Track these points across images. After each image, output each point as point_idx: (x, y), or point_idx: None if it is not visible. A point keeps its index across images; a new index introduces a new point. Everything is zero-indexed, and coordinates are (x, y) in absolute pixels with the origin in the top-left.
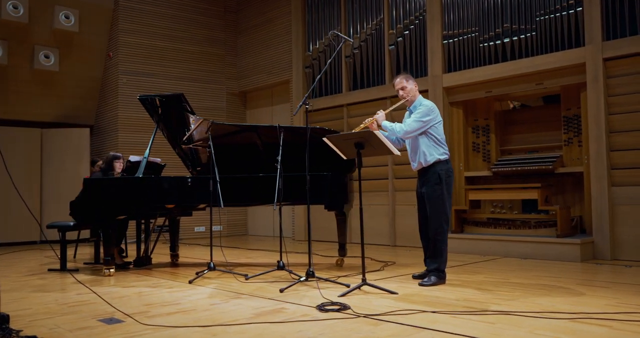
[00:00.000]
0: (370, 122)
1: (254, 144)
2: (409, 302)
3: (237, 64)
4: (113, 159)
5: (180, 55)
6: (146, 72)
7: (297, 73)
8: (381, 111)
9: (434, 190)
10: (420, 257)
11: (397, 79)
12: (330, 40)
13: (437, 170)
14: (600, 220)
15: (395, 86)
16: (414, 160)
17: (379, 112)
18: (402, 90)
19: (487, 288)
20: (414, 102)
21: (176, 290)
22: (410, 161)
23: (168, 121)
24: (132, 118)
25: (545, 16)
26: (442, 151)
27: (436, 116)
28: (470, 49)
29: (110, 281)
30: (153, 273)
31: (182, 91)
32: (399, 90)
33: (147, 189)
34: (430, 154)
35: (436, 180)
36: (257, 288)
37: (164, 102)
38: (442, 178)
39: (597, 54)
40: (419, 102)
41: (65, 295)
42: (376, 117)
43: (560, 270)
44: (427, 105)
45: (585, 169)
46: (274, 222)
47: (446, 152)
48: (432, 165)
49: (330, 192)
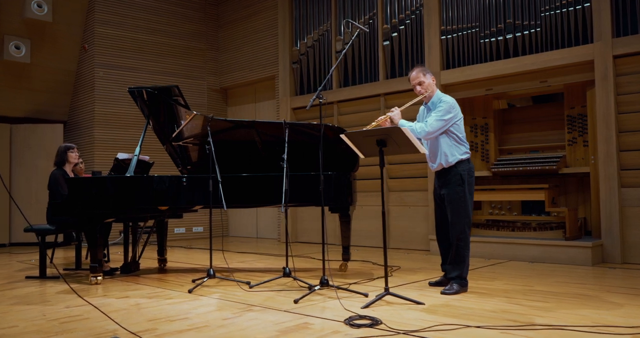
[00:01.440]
0: (383, 120)
1: (252, 141)
2: (443, 315)
3: (218, 58)
4: (66, 150)
5: (160, 48)
6: (124, 65)
7: (283, 69)
8: (396, 108)
9: (456, 192)
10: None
11: (413, 72)
12: (322, 32)
13: (459, 171)
14: (610, 223)
15: (412, 81)
16: (434, 161)
17: (394, 109)
18: (420, 86)
19: (516, 297)
20: (432, 98)
21: (177, 301)
22: (429, 161)
23: (159, 116)
24: (110, 114)
25: (550, 12)
26: (464, 150)
27: (457, 113)
28: (470, 45)
29: (98, 290)
30: (144, 281)
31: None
32: (416, 86)
33: (139, 190)
34: (451, 154)
35: (458, 181)
36: (267, 299)
37: (155, 95)
38: (465, 179)
39: (606, 51)
40: (438, 98)
41: (53, 308)
42: (391, 115)
43: (579, 276)
44: (448, 102)
45: (592, 170)
46: (257, 222)
47: (467, 150)
48: (454, 166)
49: (336, 193)
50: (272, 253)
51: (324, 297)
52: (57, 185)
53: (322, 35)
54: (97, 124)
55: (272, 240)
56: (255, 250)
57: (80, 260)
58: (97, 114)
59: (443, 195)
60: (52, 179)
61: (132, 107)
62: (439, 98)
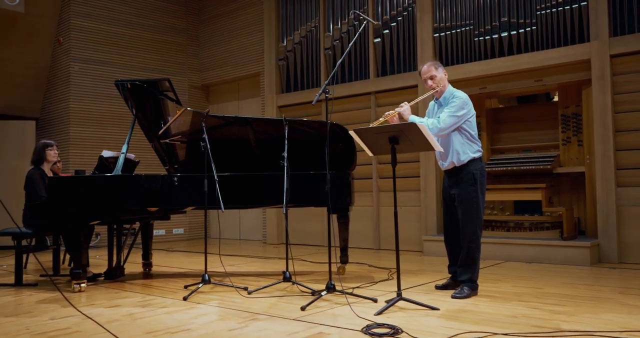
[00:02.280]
0: (391, 116)
1: (245, 139)
2: (463, 321)
3: (199, 54)
4: (44, 147)
5: (139, 43)
6: (101, 60)
7: (269, 66)
8: (405, 103)
9: (467, 192)
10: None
11: (424, 66)
12: (310, 29)
13: (472, 170)
14: (607, 223)
15: (423, 75)
16: (444, 160)
17: (403, 104)
18: (431, 80)
19: (530, 300)
20: (444, 93)
21: (173, 309)
22: (439, 160)
23: (147, 111)
24: (86, 110)
25: (546, 10)
26: (477, 148)
27: (470, 109)
28: (464, 43)
29: (82, 298)
30: (132, 287)
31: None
32: (427, 80)
33: (128, 190)
34: (464, 152)
35: (470, 181)
36: (271, 306)
37: (144, 89)
38: (477, 178)
39: (603, 50)
40: (451, 93)
41: (37, 320)
42: (400, 111)
43: (582, 276)
44: (461, 97)
45: (587, 169)
46: (240, 223)
47: (480, 148)
48: (466, 165)
49: (336, 193)
50: (260, 256)
51: (331, 302)
52: (34, 185)
53: (309, 31)
54: (73, 121)
55: (257, 242)
56: (242, 252)
57: (58, 265)
58: (72, 111)
59: (454, 195)
60: (29, 179)
61: (110, 103)
62: (451, 93)
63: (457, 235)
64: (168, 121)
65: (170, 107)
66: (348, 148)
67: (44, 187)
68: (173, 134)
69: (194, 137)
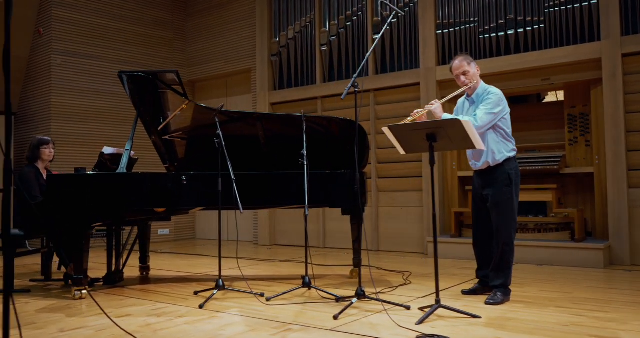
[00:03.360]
0: (420, 115)
1: (252, 136)
2: (513, 331)
3: (186, 49)
4: (39, 145)
5: (123, 36)
6: (83, 53)
7: (261, 62)
8: (436, 101)
9: (503, 193)
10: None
11: (455, 61)
12: (305, 24)
13: (507, 170)
14: (618, 224)
15: (454, 71)
16: (478, 159)
17: (434, 102)
18: (464, 76)
19: (568, 306)
20: (477, 90)
21: (193, 319)
22: (471, 160)
23: (150, 104)
24: (69, 105)
25: (555, 8)
26: (512, 147)
27: (506, 106)
28: (469, 41)
29: (82, 306)
30: (135, 294)
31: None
32: (460, 76)
33: (135, 189)
34: (499, 151)
35: (506, 182)
36: (298, 314)
37: (150, 81)
38: (513, 179)
39: (615, 49)
40: (484, 90)
41: (44, 333)
42: (431, 109)
43: (604, 279)
44: (497, 94)
45: (596, 170)
46: (227, 225)
47: (515, 147)
48: (501, 164)
49: (350, 193)
50: (256, 258)
51: (361, 310)
52: (27, 184)
53: (304, 27)
54: (55, 117)
55: (247, 243)
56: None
57: (49, 270)
58: (54, 106)
59: (486, 196)
60: (22, 178)
61: (94, 98)
62: (484, 89)
63: (488, 238)
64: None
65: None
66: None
67: (38, 186)
68: (175, 130)
69: (195, 133)
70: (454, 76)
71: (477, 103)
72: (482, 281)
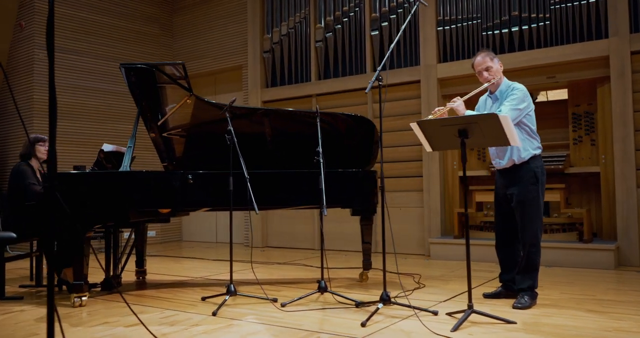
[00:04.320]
0: (441, 113)
1: (257, 134)
2: (552, 336)
3: (173, 45)
4: (35, 142)
5: (108, 31)
6: (68, 48)
7: (253, 58)
8: (458, 98)
9: (529, 191)
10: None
11: (477, 57)
12: (299, 20)
13: (532, 168)
14: (627, 224)
15: (477, 67)
16: (502, 158)
17: (456, 99)
18: (487, 72)
19: (599, 310)
20: (500, 86)
21: (210, 328)
22: (495, 158)
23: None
24: None
25: (561, 4)
26: (537, 144)
27: (531, 102)
28: (471, 38)
29: (83, 314)
30: (138, 300)
31: (110, 73)
32: (483, 72)
33: (140, 188)
34: (524, 148)
35: (532, 180)
36: (321, 321)
37: (152, 74)
38: (539, 177)
39: (624, 46)
40: (507, 86)
41: None
42: (453, 106)
43: (618, 281)
44: (522, 89)
45: (602, 169)
46: (216, 226)
47: (540, 145)
48: (527, 162)
49: (363, 193)
50: (253, 261)
51: (385, 316)
52: (24, 177)
53: (298, 22)
54: (37, 114)
55: (238, 246)
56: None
57: (40, 275)
58: (36, 102)
59: (511, 195)
60: (17, 173)
61: (78, 95)
62: (508, 86)
63: (512, 240)
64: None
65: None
66: (367, 142)
67: (36, 180)
68: (173, 127)
69: (195, 130)
70: (476, 72)
71: (500, 100)
72: (505, 285)
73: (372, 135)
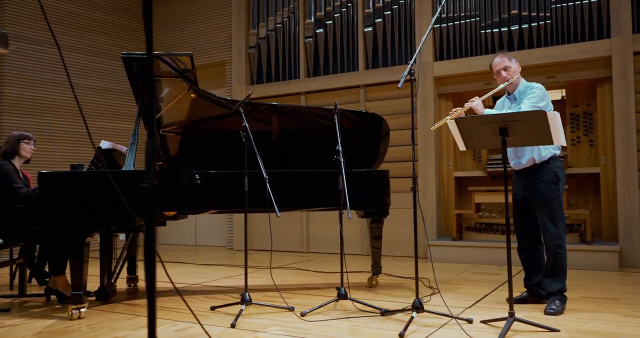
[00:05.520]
0: (458, 114)
1: (263, 131)
2: None
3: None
4: (20, 138)
5: (83, 22)
6: (41, 39)
7: (238, 54)
8: (477, 98)
9: (550, 190)
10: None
11: (496, 58)
12: (287, 15)
13: (553, 168)
14: (629, 225)
15: (495, 67)
16: (521, 157)
17: (474, 99)
18: (505, 71)
19: (634, 314)
20: (518, 87)
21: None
22: (514, 159)
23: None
24: (23, 97)
25: (562, 4)
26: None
27: (550, 101)
28: (469, 36)
29: (82, 327)
30: (139, 310)
31: (85, 66)
32: (501, 71)
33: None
34: (545, 147)
35: (553, 179)
36: (352, 332)
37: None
38: (560, 176)
39: (626, 47)
40: (526, 86)
41: None
42: (472, 105)
43: (632, 282)
44: (541, 88)
45: (602, 170)
46: (195, 228)
47: (559, 146)
48: (547, 162)
49: (375, 194)
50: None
51: (418, 325)
52: (7, 177)
53: (287, 17)
54: (7, 109)
55: (220, 248)
56: (212, 260)
57: (23, 284)
58: (6, 97)
59: (531, 195)
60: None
61: (52, 90)
62: (526, 86)
63: (535, 243)
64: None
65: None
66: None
67: (20, 180)
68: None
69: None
70: (494, 73)
71: (519, 100)
72: (530, 290)
73: (379, 133)
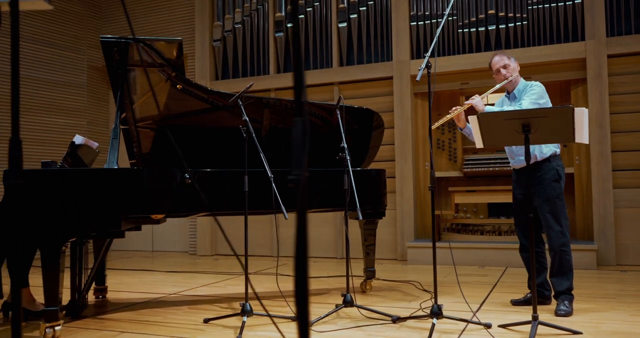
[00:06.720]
0: (458, 113)
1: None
2: None
3: (101, 29)
4: None
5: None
6: None
7: (202, 48)
8: (476, 96)
9: (553, 188)
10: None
11: (495, 57)
12: (255, 7)
13: (554, 166)
14: (604, 225)
15: (494, 65)
16: (522, 154)
17: (475, 97)
18: (505, 69)
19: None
20: (517, 86)
21: None
22: (515, 157)
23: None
24: None
25: (539, 5)
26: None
27: (549, 99)
28: (446, 35)
29: None
30: (122, 326)
31: (35, 57)
32: (500, 69)
33: (131, 189)
34: (546, 145)
35: (555, 177)
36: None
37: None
38: (561, 174)
39: (601, 49)
40: (525, 84)
41: None
42: (472, 103)
43: (620, 280)
44: (540, 86)
45: (576, 171)
46: (152, 233)
47: (559, 144)
48: (548, 160)
49: (372, 195)
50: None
51: (438, 332)
52: None
53: (255, 10)
54: None
55: (181, 254)
56: (178, 267)
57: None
58: None
59: (532, 194)
60: None
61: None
62: (526, 84)
63: (537, 241)
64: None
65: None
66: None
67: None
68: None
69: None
70: (493, 72)
71: (518, 98)
72: (529, 290)
73: (370, 130)
